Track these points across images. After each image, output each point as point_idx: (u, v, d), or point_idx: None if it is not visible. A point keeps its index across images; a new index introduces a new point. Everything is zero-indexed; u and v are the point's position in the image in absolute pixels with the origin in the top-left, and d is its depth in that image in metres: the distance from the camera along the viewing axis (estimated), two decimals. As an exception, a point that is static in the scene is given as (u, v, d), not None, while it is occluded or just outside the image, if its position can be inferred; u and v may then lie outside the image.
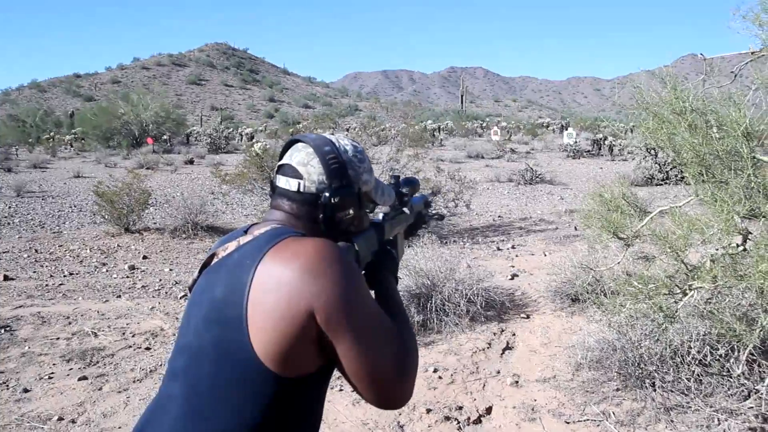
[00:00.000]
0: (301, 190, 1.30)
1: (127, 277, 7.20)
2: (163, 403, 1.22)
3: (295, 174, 1.32)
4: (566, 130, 31.87)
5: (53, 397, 3.93)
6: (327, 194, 1.29)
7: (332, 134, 1.40)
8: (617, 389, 3.73)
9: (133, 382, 4.14)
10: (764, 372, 3.41)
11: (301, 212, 1.31)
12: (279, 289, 1.12)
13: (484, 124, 49.10)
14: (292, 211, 1.32)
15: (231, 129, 42.05)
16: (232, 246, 1.26)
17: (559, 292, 5.34)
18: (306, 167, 1.31)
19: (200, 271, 1.32)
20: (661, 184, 15.05)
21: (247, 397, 1.13)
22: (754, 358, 3.48)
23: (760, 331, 3.29)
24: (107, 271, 7.50)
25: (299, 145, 1.35)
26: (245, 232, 1.31)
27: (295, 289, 1.11)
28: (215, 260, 1.28)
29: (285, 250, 1.17)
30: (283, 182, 1.33)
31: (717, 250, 3.39)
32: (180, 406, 1.17)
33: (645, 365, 3.68)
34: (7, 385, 4.09)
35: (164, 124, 34.60)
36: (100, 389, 4.03)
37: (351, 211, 1.34)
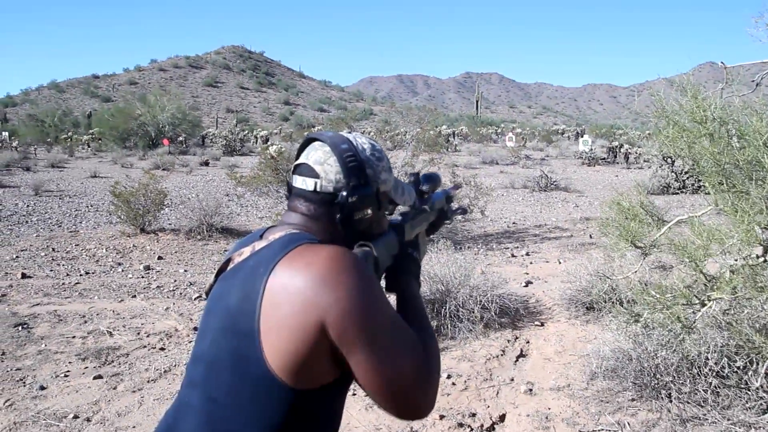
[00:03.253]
0: (318, 189, 1.26)
1: (143, 277, 7.25)
2: (183, 410, 1.21)
3: (311, 173, 1.28)
4: (581, 137, 31.72)
5: (69, 395, 3.96)
6: (344, 193, 1.25)
7: (350, 132, 1.36)
8: (632, 399, 3.70)
9: (148, 382, 4.16)
10: (783, 385, 3.36)
11: (318, 213, 1.28)
12: (290, 302, 1.09)
13: (499, 130, 49.00)
14: (309, 212, 1.28)
15: (246, 131, 42.23)
16: (247, 251, 1.24)
17: (573, 300, 5.30)
18: (323, 166, 1.27)
19: (216, 276, 1.29)
20: (677, 193, 14.94)
21: (264, 409, 1.12)
22: (773, 370, 3.44)
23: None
24: (123, 270, 7.57)
25: (316, 143, 1.31)
26: (261, 236, 1.28)
27: (307, 301, 1.08)
28: (231, 265, 1.26)
29: (298, 259, 1.14)
30: (300, 182, 1.29)
31: (736, 260, 3.36)
32: (199, 417, 1.16)
33: (661, 376, 3.64)
34: (24, 382, 4.13)
35: (180, 126, 34.86)
36: (115, 388, 4.06)
37: (369, 211, 1.30)
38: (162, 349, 4.77)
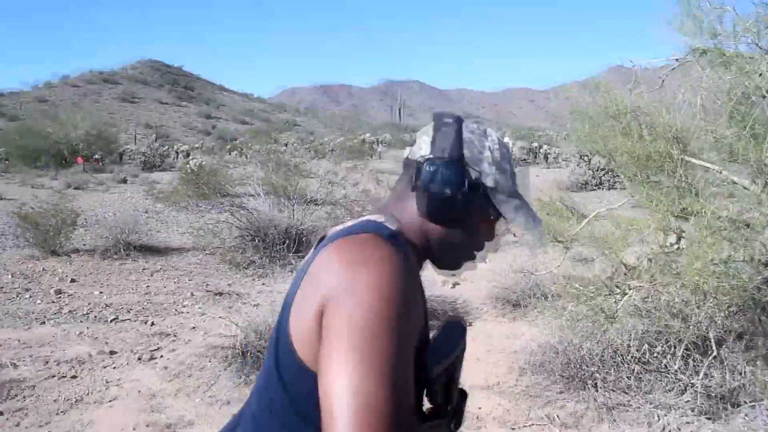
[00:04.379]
0: (409, 156, 1.20)
1: (53, 302, 6.79)
2: (242, 412, 1.20)
3: (412, 144, 1.23)
4: (502, 140, 32.52)
5: (-34, 436, 3.62)
6: (424, 156, 1.14)
7: (478, 123, 1.26)
8: (560, 392, 3.73)
9: (57, 413, 3.85)
10: (698, 366, 3.47)
11: (403, 190, 1.18)
12: (314, 278, 1.02)
13: (423, 137, 49.57)
14: (396, 192, 1.21)
15: (166, 147, 40.93)
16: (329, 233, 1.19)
17: (500, 299, 5.35)
18: (421, 137, 1.20)
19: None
20: (595, 189, 15.52)
21: (293, 396, 1.03)
22: (689, 353, 3.55)
23: (694, 326, 3.35)
24: (30, 296, 7.07)
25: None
26: None
27: (320, 281, 0.99)
28: None
29: (345, 244, 1.03)
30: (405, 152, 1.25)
31: (652, 248, 3.45)
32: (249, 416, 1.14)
33: (587, 366, 3.69)
34: None
35: (95, 144, 33.40)
36: (18, 425, 3.73)
37: (448, 191, 1.11)
38: (74, 377, 4.45)
